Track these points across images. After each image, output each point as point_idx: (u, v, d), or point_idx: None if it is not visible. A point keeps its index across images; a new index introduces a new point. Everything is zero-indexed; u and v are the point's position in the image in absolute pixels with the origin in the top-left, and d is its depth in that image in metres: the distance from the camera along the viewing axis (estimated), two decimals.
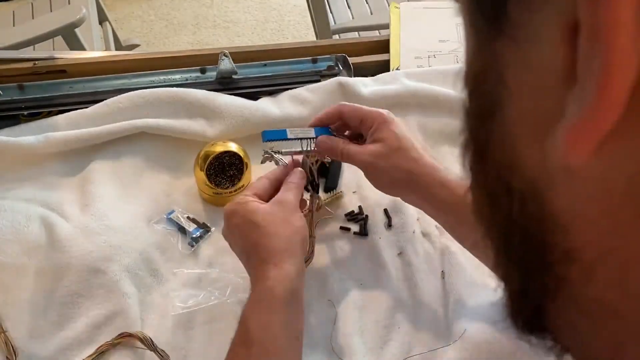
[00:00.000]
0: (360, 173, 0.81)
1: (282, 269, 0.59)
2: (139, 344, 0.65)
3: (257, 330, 0.56)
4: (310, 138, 0.71)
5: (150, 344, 0.64)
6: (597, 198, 0.17)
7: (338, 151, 0.69)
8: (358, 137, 0.72)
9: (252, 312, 0.57)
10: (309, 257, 0.71)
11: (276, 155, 0.72)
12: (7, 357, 0.65)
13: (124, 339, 0.65)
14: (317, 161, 0.73)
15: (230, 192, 0.78)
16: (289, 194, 0.66)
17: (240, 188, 0.78)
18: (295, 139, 0.70)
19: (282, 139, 0.70)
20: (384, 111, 0.69)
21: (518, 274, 0.22)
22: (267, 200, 0.65)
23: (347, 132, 0.73)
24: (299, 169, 0.70)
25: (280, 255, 0.60)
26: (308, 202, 0.74)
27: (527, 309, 0.23)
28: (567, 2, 0.15)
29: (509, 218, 0.21)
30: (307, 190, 0.74)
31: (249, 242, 0.62)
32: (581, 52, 0.15)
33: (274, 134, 0.70)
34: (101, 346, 0.65)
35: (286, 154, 0.72)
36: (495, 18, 0.18)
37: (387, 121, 0.68)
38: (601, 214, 0.17)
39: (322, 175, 0.82)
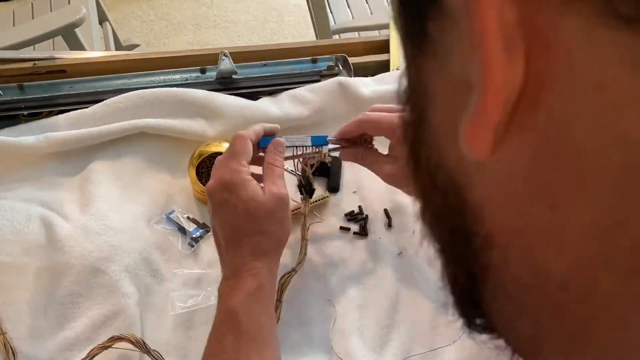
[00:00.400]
0: (361, 173, 0.81)
1: (271, 268, 0.62)
2: (132, 346, 0.64)
3: (248, 322, 0.58)
4: (306, 146, 0.71)
5: (142, 346, 0.63)
6: (502, 186, 0.20)
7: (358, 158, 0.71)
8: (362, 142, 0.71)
9: (243, 305, 0.59)
10: (301, 260, 0.71)
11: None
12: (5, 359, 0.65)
13: (116, 342, 0.64)
14: (312, 165, 0.72)
15: None
16: (282, 186, 0.65)
17: None
18: (291, 146, 0.70)
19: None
20: (396, 116, 0.69)
21: (452, 266, 0.24)
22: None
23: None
24: (280, 140, 0.69)
25: (272, 254, 0.63)
26: (301, 206, 0.74)
27: (468, 305, 0.24)
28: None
29: (439, 212, 0.23)
30: (301, 193, 0.74)
31: (241, 230, 0.62)
32: (470, 60, 0.17)
33: (269, 141, 0.70)
34: (93, 349, 0.64)
35: (287, 159, 0.72)
36: (418, 37, 0.20)
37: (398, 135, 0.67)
38: (507, 200, 0.20)
39: (324, 174, 0.82)
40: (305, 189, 0.73)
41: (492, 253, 0.21)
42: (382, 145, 0.71)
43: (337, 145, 0.71)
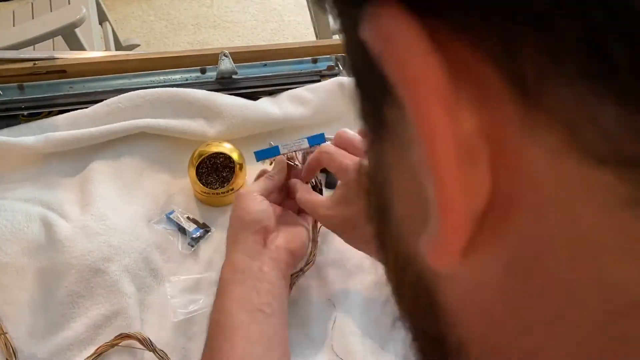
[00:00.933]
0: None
1: (228, 258, 0.65)
2: (138, 344, 0.65)
3: (213, 314, 0.60)
4: (303, 149, 0.71)
5: (149, 345, 0.64)
6: (473, 298, 0.18)
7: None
8: None
9: (216, 296, 0.62)
10: (310, 260, 0.71)
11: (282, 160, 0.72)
12: (6, 359, 0.65)
13: (123, 340, 0.65)
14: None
15: (219, 194, 0.78)
16: (251, 185, 0.70)
17: (230, 190, 0.78)
18: (288, 152, 0.70)
19: (276, 156, 0.71)
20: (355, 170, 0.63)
21: (422, 352, 0.23)
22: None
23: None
24: (278, 158, 0.72)
25: (229, 247, 0.66)
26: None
27: None
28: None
29: (410, 308, 0.22)
30: None
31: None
32: (423, 181, 0.15)
33: (266, 153, 0.71)
34: (100, 347, 0.65)
35: (286, 153, 0.72)
36: (374, 121, 0.19)
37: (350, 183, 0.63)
38: (479, 313, 0.18)
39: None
40: (314, 189, 0.73)
41: None
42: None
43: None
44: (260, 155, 0.71)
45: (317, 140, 0.71)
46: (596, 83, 0.12)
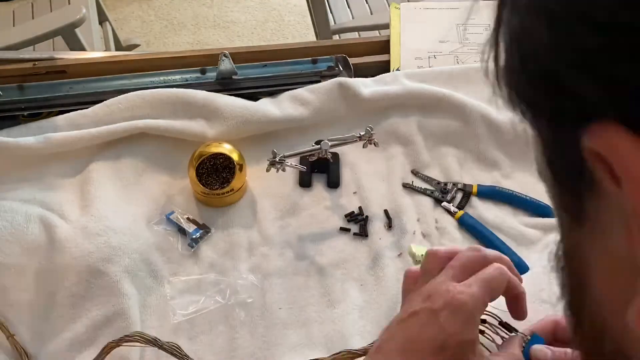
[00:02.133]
0: (361, 173, 0.82)
1: None
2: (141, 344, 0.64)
3: None
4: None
5: (155, 343, 0.63)
6: None
7: None
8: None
9: None
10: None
11: (279, 168, 0.72)
12: None
13: (129, 341, 0.64)
14: (317, 160, 0.72)
15: (219, 194, 0.78)
16: (517, 347, 0.50)
17: (229, 191, 0.78)
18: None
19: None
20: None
21: None
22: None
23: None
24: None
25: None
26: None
27: None
28: (626, 214, 0.19)
29: None
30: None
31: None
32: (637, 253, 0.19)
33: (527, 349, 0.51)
34: (106, 347, 0.63)
35: (289, 156, 0.72)
36: (574, 212, 0.22)
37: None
38: None
39: (323, 171, 0.82)
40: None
41: None
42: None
43: (338, 142, 0.71)
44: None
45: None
46: None
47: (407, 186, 0.81)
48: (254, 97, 0.89)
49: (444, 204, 0.78)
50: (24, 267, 0.71)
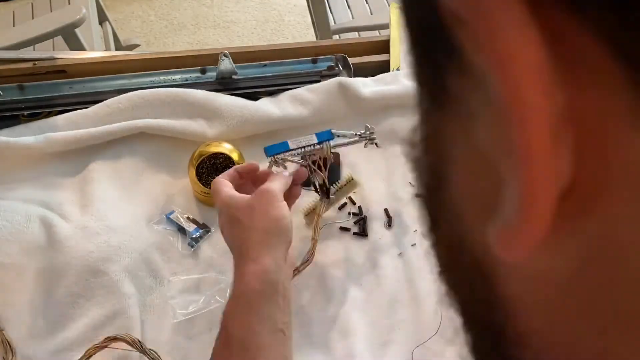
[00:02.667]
0: (360, 173, 0.81)
1: (258, 263, 0.58)
2: (127, 347, 0.64)
3: (236, 329, 0.55)
4: (312, 144, 0.71)
5: (139, 346, 0.63)
6: (539, 290, 0.17)
7: None
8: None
9: (230, 311, 0.57)
10: (308, 257, 0.71)
11: (280, 163, 0.72)
12: (2, 357, 0.65)
13: (112, 342, 0.64)
14: (325, 161, 0.71)
15: None
16: (272, 184, 0.64)
17: None
18: (297, 148, 0.70)
19: (285, 151, 0.70)
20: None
21: (478, 348, 0.21)
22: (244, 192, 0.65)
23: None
24: (283, 170, 0.70)
25: (256, 248, 0.59)
26: (316, 205, 0.74)
27: None
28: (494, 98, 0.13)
29: (463, 291, 0.20)
30: (317, 192, 0.74)
31: (233, 239, 0.62)
32: (502, 167, 0.14)
33: (276, 148, 0.70)
34: (89, 349, 0.64)
35: (291, 156, 0.72)
36: (434, 89, 0.17)
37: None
38: (544, 306, 0.17)
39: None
40: (321, 187, 0.72)
41: (525, 352, 0.18)
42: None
43: (341, 141, 0.71)
44: (271, 151, 0.70)
45: (324, 136, 0.70)
46: None
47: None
48: (253, 97, 0.89)
49: None
50: (24, 266, 0.71)
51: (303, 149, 0.70)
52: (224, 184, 0.65)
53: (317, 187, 0.72)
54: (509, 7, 0.12)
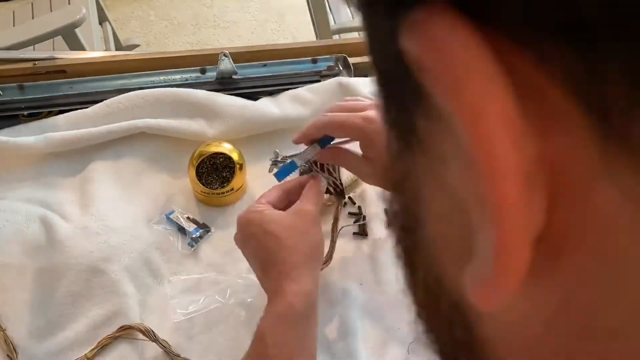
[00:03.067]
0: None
1: (300, 283, 0.57)
2: (140, 336, 0.65)
3: (274, 346, 0.55)
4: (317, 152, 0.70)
5: (152, 335, 0.64)
6: (516, 337, 0.17)
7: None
8: None
9: (270, 327, 0.56)
10: (326, 259, 0.70)
11: (281, 164, 0.72)
12: (8, 355, 0.65)
13: (125, 332, 0.66)
14: (321, 166, 0.70)
15: (219, 194, 0.78)
16: (309, 204, 0.63)
17: (229, 190, 0.78)
18: (305, 164, 0.68)
19: (294, 171, 0.68)
20: (366, 120, 0.62)
21: None
22: (282, 210, 0.64)
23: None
24: (318, 177, 0.67)
25: (299, 270, 0.58)
26: (333, 206, 0.73)
27: None
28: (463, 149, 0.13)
29: (441, 338, 0.20)
30: (330, 193, 0.72)
31: (266, 253, 0.60)
32: (474, 224, 0.14)
33: (286, 171, 0.67)
34: (102, 339, 0.65)
35: (291, 157, 0.72)
36: (403, 130, 0.16)
37: (368, 137, 0.63)
38: (521, 351, 0.17)
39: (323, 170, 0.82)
40: (335, 189, 0.71)
41: None
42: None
43: (341, 140, 0.70)
44: (281, 175, 0.68)
45: (326, 140, 0.69)
46: None
47: None
48: (253, 97, 0.89)
49: None
50: (24, 266, 0.71)
51: (310, 162, 0.69)
52: (260, 201, 0.64)
53: (332, 189, 0.71)
54: (474, 58, 0.12)
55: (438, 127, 0.14)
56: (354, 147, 0.74)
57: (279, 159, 0.74)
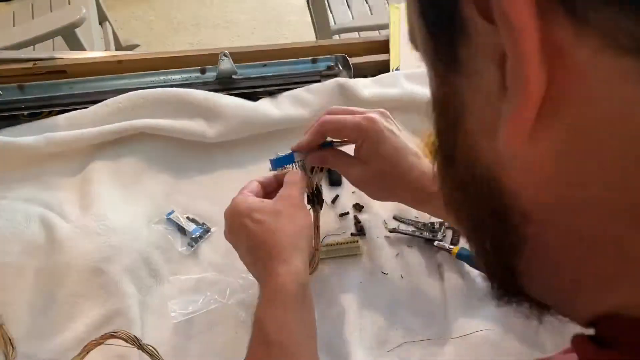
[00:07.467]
0: None
1: (290, 264, 0.57)
2: (124, 343, 0.64)
3: (274, 330, 0.55)
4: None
5: (136, 343, 0.63)
6: (535, 173, 0.24)
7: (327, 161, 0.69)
8: None
9: (266, 311, 0.56)
10: (313, 269, 0.70)
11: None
12: (3, 352, 0.65)
13: (109, 339, 0.63)
14: (322, 169, 0.69)
15: None
16: (293, 189, 0.64)
17: None
18: (301, 160, 0.68)
19: (291, 163, 0.68)
20: (367, 119, 0.65)
21: (490, 242, 0.28)
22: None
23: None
24: (296, 170, 0.68)
25: (287, 251, 0.58)
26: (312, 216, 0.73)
27: (500, 270, 0.29)
28: (497, 44, 0.21)
29: (477, 198, 0.27)
30: (309, 204, 0.70)
31: (254, 240, 0.60)
32: (508, 73, 0.21)
33: (281, 161, 0.68)
34: (87, 345, 0.63)
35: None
36: (450, 61, 0.24)
37: (369, 136, 0.65)
38: (540, 185, 0.24)
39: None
40: (316, 199, 0.70)
41: (529, 227, 0.25)
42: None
43: (341, 140, 0.70)
44: (276, 164, 0.68)
45: (326, 146, 0.69)
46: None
47: (394, 231, 0.76)
48: (253, 97, 0.89)
49: (437, 242, 0.73)
50: (24, 266, 0.71)
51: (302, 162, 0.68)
52: (244, 192, 0.65)
53: (309, 195, 0.69)
54: None
55: (476, 49, 0.22)
56: (349, 150, 0.74)
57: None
